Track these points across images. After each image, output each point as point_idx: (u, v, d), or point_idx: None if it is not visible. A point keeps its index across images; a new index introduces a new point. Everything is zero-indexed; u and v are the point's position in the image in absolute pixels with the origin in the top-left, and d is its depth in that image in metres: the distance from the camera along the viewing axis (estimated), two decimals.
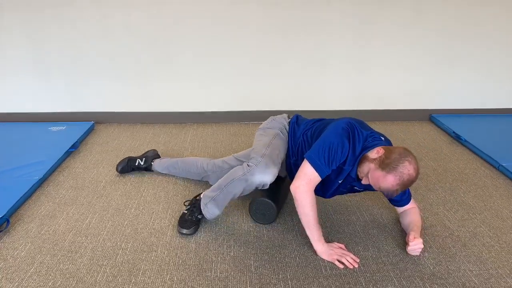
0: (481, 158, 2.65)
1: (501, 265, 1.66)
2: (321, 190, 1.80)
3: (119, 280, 1.54)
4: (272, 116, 2.03)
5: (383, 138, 1.70)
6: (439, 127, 3.19)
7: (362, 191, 1.82)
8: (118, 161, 2.49)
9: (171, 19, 2.89)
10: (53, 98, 3.06)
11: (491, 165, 2.54)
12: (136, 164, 2.35)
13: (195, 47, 2.98)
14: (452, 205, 2.10)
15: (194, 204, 1.88)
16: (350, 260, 1.65)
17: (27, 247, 1.72)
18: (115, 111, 3.14)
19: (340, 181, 1.72)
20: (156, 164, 2.34)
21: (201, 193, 1.91)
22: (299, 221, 1.91)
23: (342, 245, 1.72)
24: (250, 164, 1.75)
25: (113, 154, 2.61)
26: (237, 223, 1.91)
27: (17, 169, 2.28)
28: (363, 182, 1.63)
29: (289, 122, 1.96)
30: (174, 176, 2.33)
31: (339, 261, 1.64)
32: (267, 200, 1.87)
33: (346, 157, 1.62)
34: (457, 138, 2.92)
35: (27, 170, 2.26)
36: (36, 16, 2.82)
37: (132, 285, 1.52)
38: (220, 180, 1.84)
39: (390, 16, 3.00)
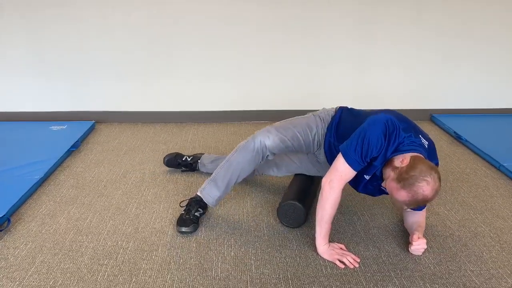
0: (482, 158, 2.64)
1: (502, 265, 1.66)
2: (353, 182, 1.75)
3: (120, 279, 1.54)
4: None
5: (427, 143, 1.63)
6: (440, 127, 3.19)
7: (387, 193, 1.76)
8: (119, 160, 2.50)
9: (171, 18, 2.89)
10: (54, 97, 3.06)
11: (492, 165, 2.54)
12: (183, 159, 2.33)
13: (195, 46, 2.98)
14: (453, 205, 2.10)
15: (190, 203, 1.88)
16: (350, 259, 1.64)
17: (28, 246, 1.72)
18: (116, 110, 3.14)
19: (367, 178, 1.67)
20: (205, 157, 2.31)
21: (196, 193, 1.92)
22: None
23: (342, 245, 1.72)
24: (256, 132, 1.81)
25: (113, 154, 2.61)
26: (238, 223, 1.91)
27: (18, 168, 2.29)
28: (383, 184, 1.61)
29: (337, 109, 1.91)
30: (175, 175, 2.33)
31: (340, 260, 1.64)
32: (301, 207, 1.83)
33: (379, 152, 1.57)
34: (458, 138, 2.92)
35: (28, 169, 2.26)
36: (37, 16, 2.82)
37: (132, 284, 1.52)
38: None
39: (391, 16, 2.99)
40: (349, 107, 1.93)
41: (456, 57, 3.17)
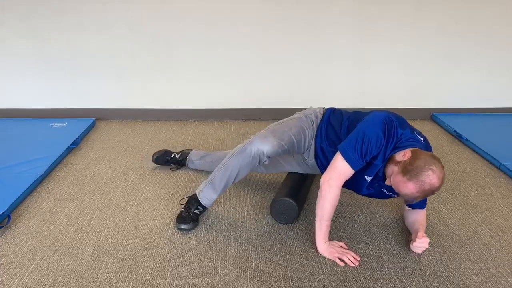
0: (482, 157, 2.64)
1: (501, 264, 1.66)
2: (354, 186, 1.76)
3: (120, 276, 1.54)
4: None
5: (422, 139, 1.64)
6: (440, 126, 3.19)
7: (390, 196, 1.75)
8: (119, 157, 2.49)
9: (172, 16, 2.89)
10: (54, 95, 3.06)
11: (492, 164, 2.54)
12: (172, 156, 2.35)
13: (196, 44, 2.98)
14: (453, 204, 2.10)
15: (190, 201, 1.88)
16: (350, 258, 1.65)
17: (28, 243, 1.72)
18: (116, 107, 3.14)
19: (369, 179, 1.67)
20: (193, 154, 2.32)
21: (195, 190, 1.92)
22: (300, 219, 1.92)
23: (342, 243, 1.72)
24: (251, 136, 1.81)
25: (114, 151, 2.61)
26: (238, 221, 1.92)
27: (18, 165, 2.28)
28: (386, 182, 1.61)
29: (324, 110, 1.92)
30: (175, 173, 2.33)
31: (340, 259, 1.64)
32: (289, 200, 1.85)
33: (379, 151, 1.57)
34: (458, 137, 2.92)
35: (28, 166, 2.26)
36: (37, 12, 2.81)
37: (133, 282, 1.52)
38: (220, 163, 1.86)
39: (392, 15, 2.99)
40: (336, 108, 1.94)
41: (456, 56, 3.17)
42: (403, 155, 1.53)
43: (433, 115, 3.30)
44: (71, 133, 2.73)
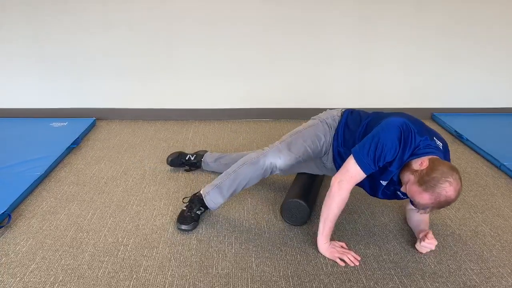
0: (483, 157, 2.64)
1: (502, 264, 1.66)
2: (370, 189, 1.76)
3: (121, 276, 1.54)
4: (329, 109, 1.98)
5: (441, 145, 1.61)
6: (440, 126, 3.19)
7: (404, 199, 1.75)
8: (119, 157, 2.49)
9: (172, 16, 2.89)
10: (55, 94, 3.06)
11: (493, 164, 2.54)
12: (186, 158, 2.33)
13: (196, 43, 2.98)
14: (454, 204, 2.10)
15: (193, 200, 1.88)
16: (351, 258, 1.65)
17: (29, 242, 1.72)
18: (117, 107, 3.14)
19: (384, 183, 1.66)
20: (207, 156, 2.31)
21: (200, 190, 1.91)
22: None
23: (343, 243, 1.72)
24: (265, 148, 1.83)
25: (114, 151, 2.61)
26: (238, 220, 1.92)
27: (19, 164, 2.28)
28: (402, 189, 1.59)
29: (342, 112, 1.90)
30: (176, 172, 2.33)
31: (340, 259, 1.64)
32: (306, 207, 1.84)
33: (394, 158, 1.54)
34: (458, 137, 2.92)
35: (28, 166, 2.26)
36: (37, 12, 2.81)
37: (133, 281, 1.52)
38: (230, 168, 1.86)
39: (392, 15, 2.99)
40: (354, 109, 1.91)
41: (457, 56, 3.17)
42: (420, 164, 1.49)
43: (434, 115, 3.30)
44: (71, 132, 2.73)
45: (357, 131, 1.75)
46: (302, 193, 1.90)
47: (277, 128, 3.07)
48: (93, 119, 3.02)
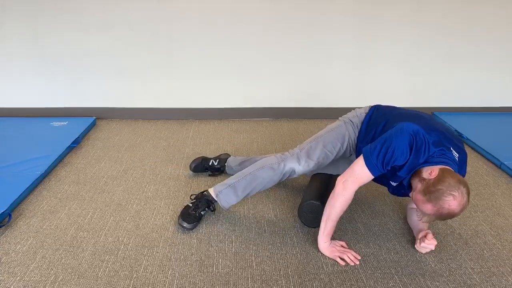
0: (483, 156, 2.64)
1: (502, 263, 1.66)
2: (381, 183, 1.76)
3: (121, 275, 1.54)
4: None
5: (457, 156, 1.57)
6: None
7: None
8: (120, 156, 2.49)
9: (173, 15, 2.89)
10: (55, 94, 3.06)
11: (493, 163, 2.54)
12: (210, 163, 2.29)
13: (196, 43, 2.98)
14: None
15: (200, 199, 1.87)
16: (351, 257, 1.65)
17: (29, 241, 1.72)
18: (117, 106, 3.14)
19: (394, 184, 1.66)
20: (231, 160, 2.26)
21: (208, 189, 1.91)
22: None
23: (343, 242, 1.72)
24: (285, 153, 1.85)
25: (114, 150, 2.61)
26: (239, 220, 1.92)
27: (19, 164, 2.29)
28: (410, 195, 1.59)
29: (369, 109, 1.88)
30: (176, 172, 2.33)
31: (340, 258, 1.64)
32: (317, 203, 1.81)
33: (404, 163, 1.52)
34: (459, 136, 2.92)
35: (29, 165, 2.26)
36: (38, 11, 2.81)
37: (133, 281, 1.52)
38: (245, 169, 1.86)
39: (393, 14, 2.99)
40: (381, 105, 1.89)
41: (457, 55, 3.17)
42: (429, 173, 1.46)
43: (434, 115, 3.30)
44: (71, 132, 2.73)
45: (378, 128, 1.74)
46: (311, 196, 1.86)
47: (277, 127, 3.07)
48: (93, 119, 3.02)
